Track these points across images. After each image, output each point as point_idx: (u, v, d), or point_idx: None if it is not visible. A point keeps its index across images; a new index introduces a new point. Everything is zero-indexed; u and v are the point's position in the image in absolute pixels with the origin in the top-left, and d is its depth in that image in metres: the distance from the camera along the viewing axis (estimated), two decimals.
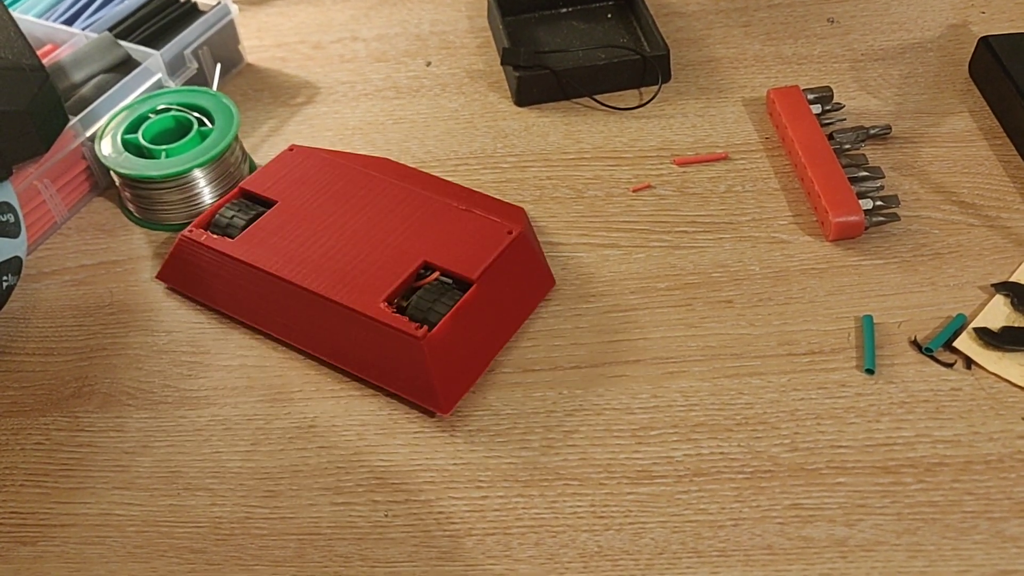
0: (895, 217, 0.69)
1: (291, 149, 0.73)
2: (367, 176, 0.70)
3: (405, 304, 0.62)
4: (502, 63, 0.83)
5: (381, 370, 0.61)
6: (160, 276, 0.70)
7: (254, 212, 0.68)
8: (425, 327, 0.59)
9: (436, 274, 0.63)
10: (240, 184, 0.71)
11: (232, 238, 0.66)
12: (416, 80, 0.87)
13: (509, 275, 0.64)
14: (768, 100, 0.78)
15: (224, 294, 0.67)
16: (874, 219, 0.68)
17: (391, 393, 0.62)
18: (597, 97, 0.82)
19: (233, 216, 0.68)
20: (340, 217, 0.67)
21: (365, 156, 0.74)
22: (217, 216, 0.68)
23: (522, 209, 0.70)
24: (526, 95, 0.82)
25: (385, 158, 0.73)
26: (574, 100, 0.83)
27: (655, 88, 0.83)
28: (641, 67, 0.82)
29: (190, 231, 0.67)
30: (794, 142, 0.73)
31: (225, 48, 0.86)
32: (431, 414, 0.61)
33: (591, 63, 0.82)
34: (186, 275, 0.68)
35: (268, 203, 0.69)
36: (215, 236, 0.67)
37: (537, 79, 0.81)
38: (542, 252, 0.69)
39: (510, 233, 0.65)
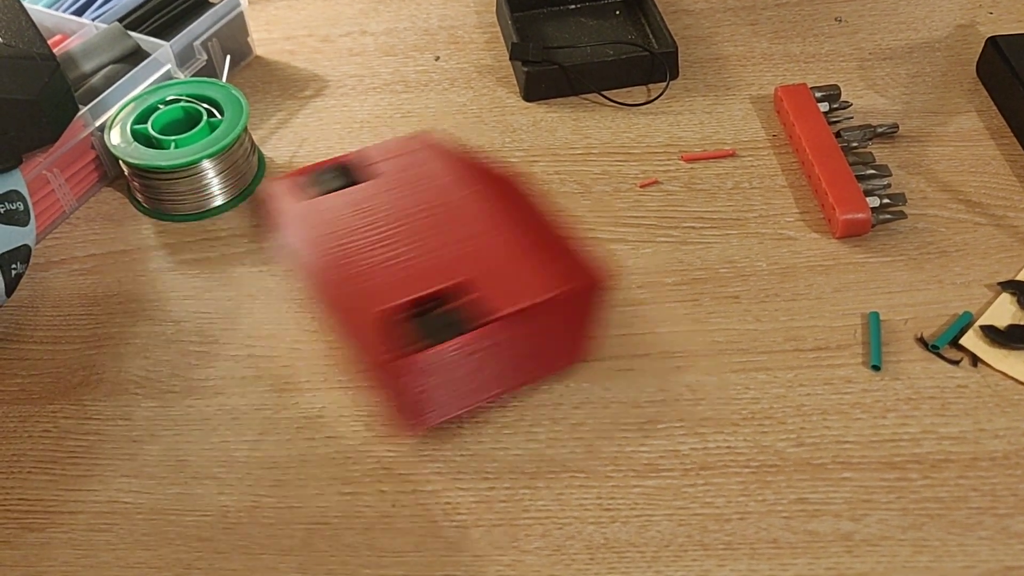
0: (902, 215, 0.69)
1: (413, 137, 0.72)
2: (468, 185, 0.66)
3: (416, 320, 0.58)
4: (511, 58, 0.83)
5: (372, 373, 0.61)
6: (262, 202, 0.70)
7: (337, 184, 0.68)
8: (396, 352, 0.55)
9: (461, 302, 0.58)
10: (345, 156, 0.70)
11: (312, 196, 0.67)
12: (425, 74, 0.87)
13: (528, 330, 0.59)
14: (776, 97, 0.78)
15: (287, 242, 0.66)
16: (881, 217, 0.68)
17: None
18: (605, 93, 0.82)
19: (325, 180, 0.68)
20: (413, 216, 0.64)
21: (489, 170, 0.69)
22: (315, 174, 0.68)
23: (598, 277, 0.60)
24: (534, 90, 0.82)
25: (510, 173, 0.68)
26: (582, 96, 0.83)
27: (663, 85, 0.83)
28: (649, 64, 0.83)
29: (284, 176, 0.69)
30: (801, 139, 0.73)
31: (234, 40, 0.87)
32: None
33: (599, 59, 0.82)
34: (273, 211, 0.68)
35: (357, 178, 0.68)
36: (295, 188, 0.67)
37: (545, 74, 0.82)
38: (589, 324, 0.63)
39: (554, 289, 0.58)
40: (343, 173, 0.68)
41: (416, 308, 0.59)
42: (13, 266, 0.66)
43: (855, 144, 0.74)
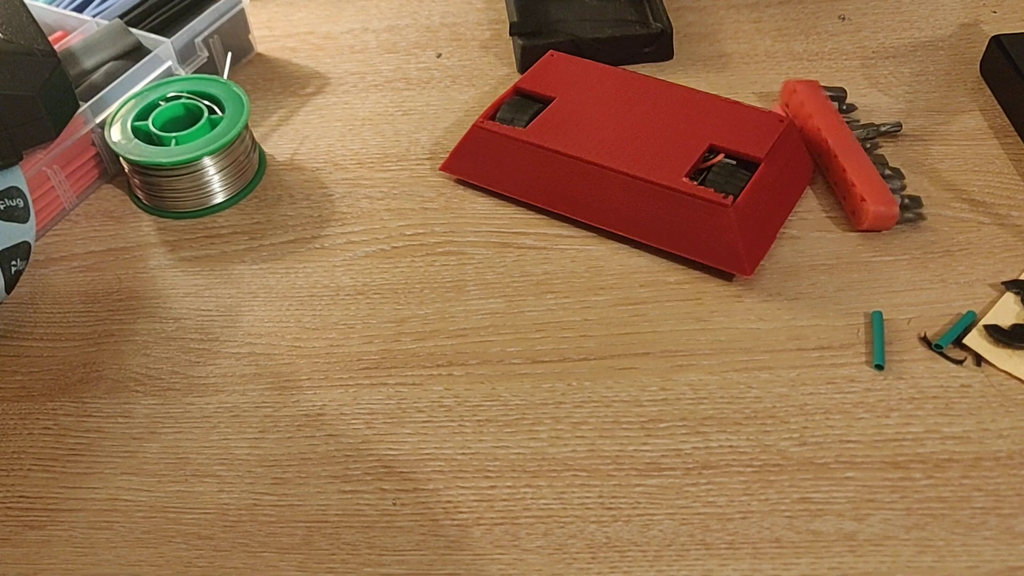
0: (921, 217, 0.69)
1: (551, 55, 0.79)
2: (632, 76, 0.76)
3: (699, 182, 0.67)
4: (510, 34, 0.85)
5: (685, 240, 0.67)
6: (446, 167, 0.75)
7: (534, 108, 0.74)
8: (731, 196, 0.65)
9: (722, 156, 0.69)
10: (516, 83, 0.77)
11: (524, 126, 0.73)
12: (426, 72, 0.86)
13: (786, 157, 0.70)
14: (787, 90, 0.78)
15: (518, 181, 0.72)
16: (905, 216, 0.68)
17: (406, 378, 0.62)
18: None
19: (515, 113, 0.74)
20: (619, 110, 0.73)
21: (620, 69, 0.78)
22: (499, 113, 0.74)
23: (784, 115, 0.73)
24: (530, 64, 0.83)
25: (636, 74, 0.78)
26: None
27: (660, 64, 0.85)
28: (645, 42, 0.84)
29: (483, 122, 0.73)
30: (820, 130, 0.73)
31: (235, 37, 0.86)
32: (441, 403, 0.61)
33: (594, 35, 0.84)
34: (476, 164, 0.73)
35: (545, 101, 0.75)
36: (506, 126, 0.72)
37: (540, 49, 0.83)
38: (801, 147, 0.73)
39: (781, 121, 0.71)
40: (523, 102, 0.75)
41: (694, 174, 0.68)
42: (13, 263, 0.65)
43: (867, 146, 0.74)
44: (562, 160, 0.70)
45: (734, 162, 0.69)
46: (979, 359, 0.61)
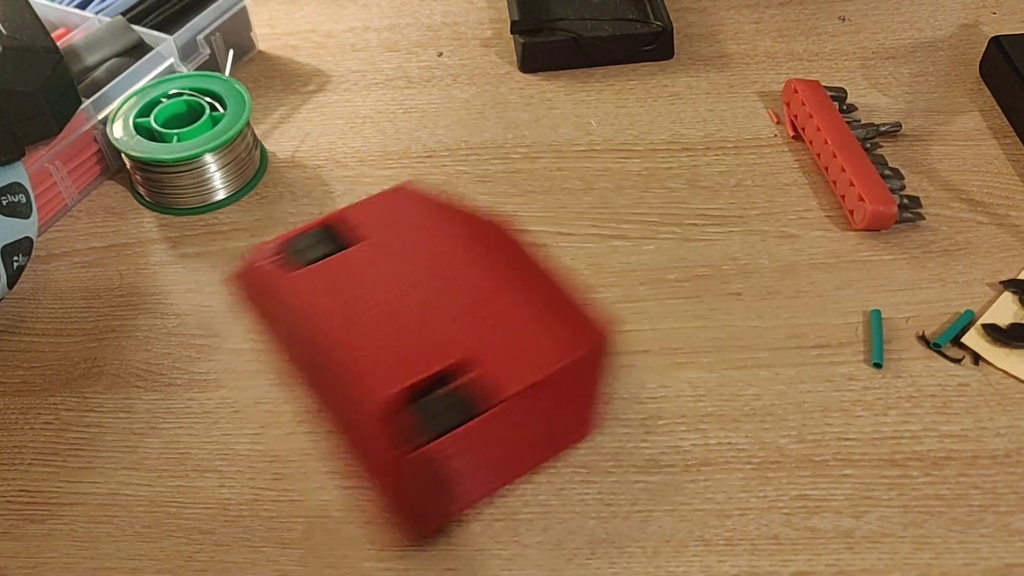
0: (920, 217, 0.69)
1: (397, 190, 0.63)
2: (457, 246, 0.59)
3: (413, 405, 0.51)
4: (511, 33, 0.85)
5: (374, 471, 0.56)
6: (238, 278, 0.62)
7: (325, 251, 0.60)
8: (410, 445, 0.49)
9: (464, 380, 0.52)
10: (327, 217, 0.61)
11: (291, 270, 0.58)
12: (427, 70, 0.87)
13: (541, 407, 0.54)
14: (788, 90, 0.78)
15: (273, 325, 0.61)
16: (903, 215, 0.69)
17: None
18: (602, 67, 0.85)
19: (311, 245, 0.60)
20: (405, 284, 0.57)
21: (476, 218, 0.61)
22: (297, 241, 0.60)
23: (605, 334, 0.54)
24: (531, 61, 0.84)
25: (496, 225, 0.61)
26: (586, 91, 0.83)
27: (660, 64, 0.85)
28: (645, 41, 0.84)
29: (257, 252, 0.59)
30: (820, 130, 0.73)
31: (237, 35, 0.87)
32: None
33: (595, 33, 0.84)
34: (253, 291, 0.61)
35: (347, 243, 0.60)
36: (277, 261, 0.59)
37: (542, 46, 0.83)
38: (598, 388, 0.58)
39: (563, 358, 0.52)
40: (328, 236, 0.60)
41: (415, 392, 0.51)
42: (15, 258, 0.66)
43: (867, 146, 0.74)
44: (296, 323, 0.56)
45: (473, 392, 0.51)
46: (977, 358, 0.61)
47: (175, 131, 0.72)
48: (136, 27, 0.81)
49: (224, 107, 0.74)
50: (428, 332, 0.54)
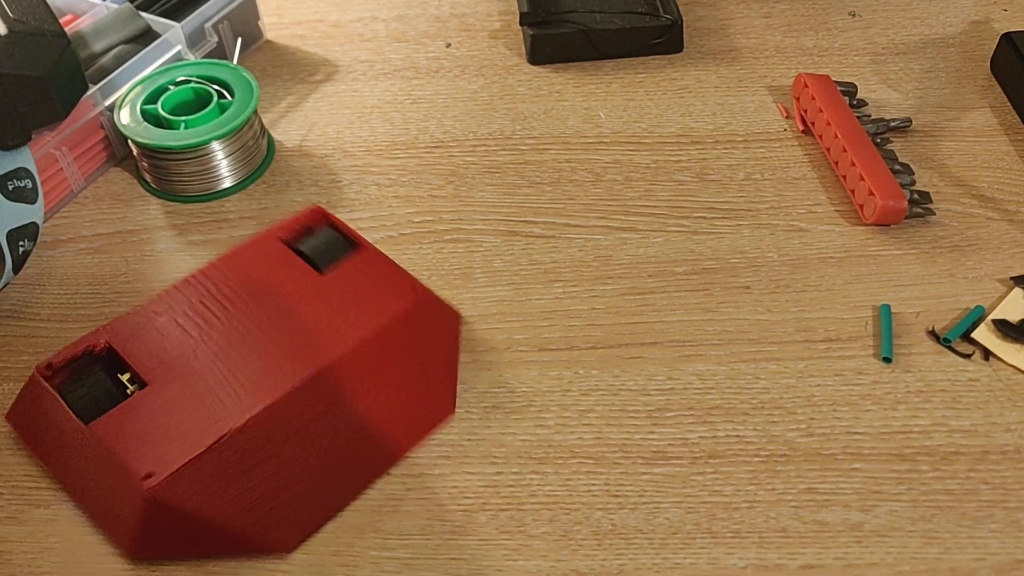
0: (931, 212, 0.69)
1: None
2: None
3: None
4: (520, 24, 0.85)
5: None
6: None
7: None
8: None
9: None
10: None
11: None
12: (435, 61, 0.86)
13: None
14: (798, 84, 0.77)
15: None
16: (914, 211, 0.68)
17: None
18: (611, 60, 0.85)
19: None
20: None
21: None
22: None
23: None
24: (539, 53, 0.84)
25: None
26: (595, 84, 0.82)
27: (669, 57, 0.85)
28: (655, 34, 0.84)
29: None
30: (831, 124, 0.72)
31: (245, 24, 0.86)
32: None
33: (604, 26, 0.84)
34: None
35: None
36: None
37: (550, 38, 0.83)
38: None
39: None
40: (331, 247, 0.60)
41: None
42: (21, 243, 0.65)
43: (877, 141, 0.74)
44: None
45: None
46: (987, 353, 0.61)
47: (182, 118, 0.72)
48: (144, 14, 0.80)
49: (232, 95, 0.74)
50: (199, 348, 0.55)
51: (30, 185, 0.66)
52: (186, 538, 0.52)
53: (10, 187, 0.65)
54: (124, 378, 0.55)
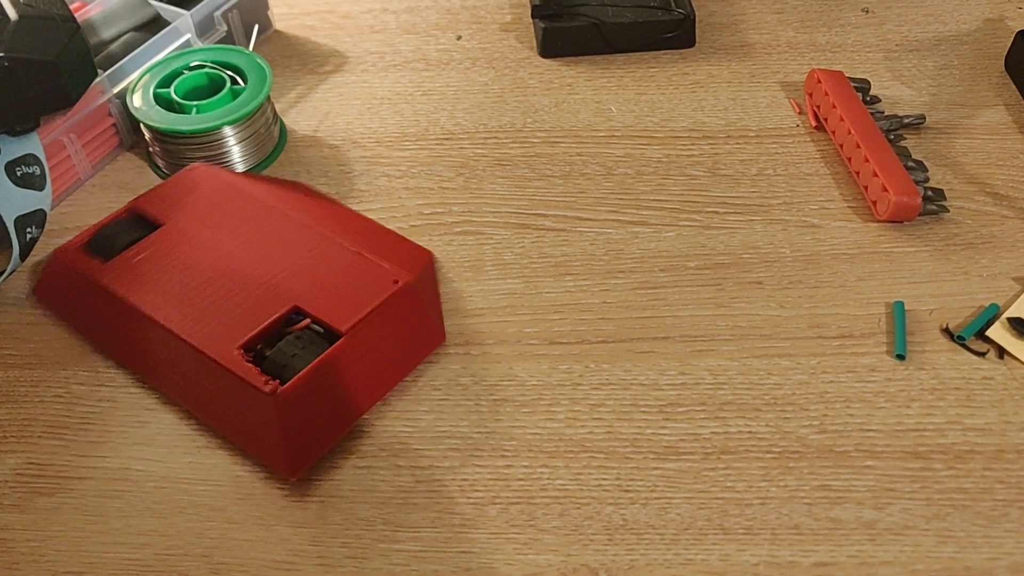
0: (944, 210, 0.68)
1: (191, 169, 0.68)
2: (262, 207, 0.65)
3: (268, 352, 0.56)
4: (532, 17, 0.85)
5: (231, 423, 0.57)
6: (38, 295, 0.65)
7: (135, 235, 0.64)
8: (276, 382, 0.54)
9: (307, 321, 0.58)
10: (132, 201, 0.66)
11: (106, 260, 0.62)
12: (446, 53, 0.86)
13: (387, 329, 0.58)
14: (811, 80, 0.77)
15: (91, 323, 0.63)
16: (927, 208, 0.68)
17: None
18: (622, 54, 0.84)
19: (115, 237, 0.63)
20: (222, 249, 0.62)
21: (277, 181, 0.69)
22: (97, 236, 0.64)
23: (428, 254, 0.64)
24: (550, 46, 0.84)
25: (300, 184, 0.68)
26: (607, 77, 0.82)
27: (681, 52, 0.84)
28: (667, 28, 0.83)
29: (66, 249, 0.62)
30: (844, 120, 0.72)
31: (254, 13, 0.86)
32: (458, 381, 0.60)
33: (617, 19, 0.83)
34: (59, 296, 0.63)
35: (154, 226, 0.65)
36: (88, 256, 0.63)
37: (561, 31, 0.83)
38: (438, 303, 0.63)
39: (395, 283, 0.59)
40: (134, 222, 0.64)
41: (267, 340, 0.57)
42: (28, 230, 0.65)
43: (891, 138, 0.73)
44: (125, 309, 0.60)
45: (320, 330, 0.58)
46: (1002, 351, 0.60)
47: (195, 102, 0.71)
48: (153, 2, 0.80)
49: (245, 81, 0.74)
50: (258, 289, 0.59)
51: (38, 172, 0.66)
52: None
53: (18, 173, 0.64)
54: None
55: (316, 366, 0.55)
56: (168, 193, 0.66)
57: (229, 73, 0.74)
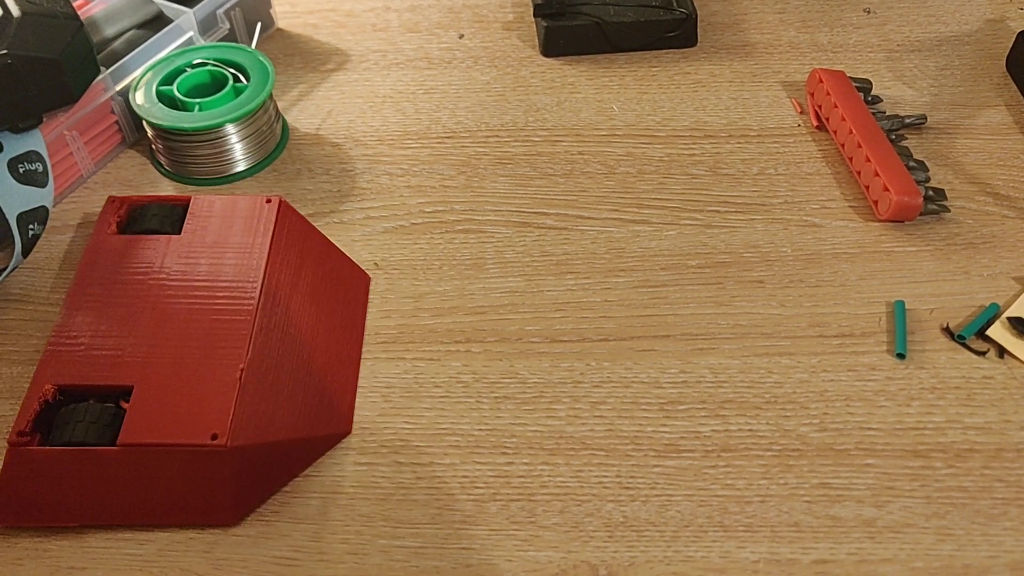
0: (946, 209, 0.68)
1: (268, 200, 0.63)
2: (283, 273, 0.61)
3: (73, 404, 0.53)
4: (534, 16, 0.85)
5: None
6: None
7: (155, 227, 0.63)
8: (24, 437, 0.52)
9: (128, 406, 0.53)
10: (182, 197, 0.64)
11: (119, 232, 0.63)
12: (448, 52, 0.86)
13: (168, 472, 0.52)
14: (813, 79, 0.77)
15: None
16: (928, 207, 0.68)
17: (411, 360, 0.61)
18: (624, 53, 0.84)
19: (144, 217, 0.63)
20: (187, 287, 0.59)
21: (336, 264, 0.65)
22: (142, 207, 0.64)
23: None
24: (552, 45, 0.84)
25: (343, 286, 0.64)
26: (608, 76, 0.82)
27: (683, 51, 0.84)
28: (669, 27, 0.84)
29: (116, 199, 0.63)
30: (846, 120, 0.72)
31: (257, 11, 0.86)
32: (459, 379, 0.60)
33: (619, 19, 0.83)
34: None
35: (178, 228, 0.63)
36: (115, 220, 0.63)
37: (564, 29, 0.83)
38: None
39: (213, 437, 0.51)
40: (171, 215, 0.63)
41: (76, 394, 0.54)
42: (31, 227, 0.65)
43: (892, 138, 0.73)
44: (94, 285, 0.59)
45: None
46: (1002, 351, 0.60)
47: (197, 100, 0.71)
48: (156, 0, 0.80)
49: (247, 79, 0.74)
50: (136, 341, 0.56)
51: (41, 168, 0.66)
52: (269, 473, 0.54)
53: (21, 170, 0.64)
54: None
55: (74, 452, 0.51)
56: (216, 208, 0.63)
57: (231, 71, 0.74)
